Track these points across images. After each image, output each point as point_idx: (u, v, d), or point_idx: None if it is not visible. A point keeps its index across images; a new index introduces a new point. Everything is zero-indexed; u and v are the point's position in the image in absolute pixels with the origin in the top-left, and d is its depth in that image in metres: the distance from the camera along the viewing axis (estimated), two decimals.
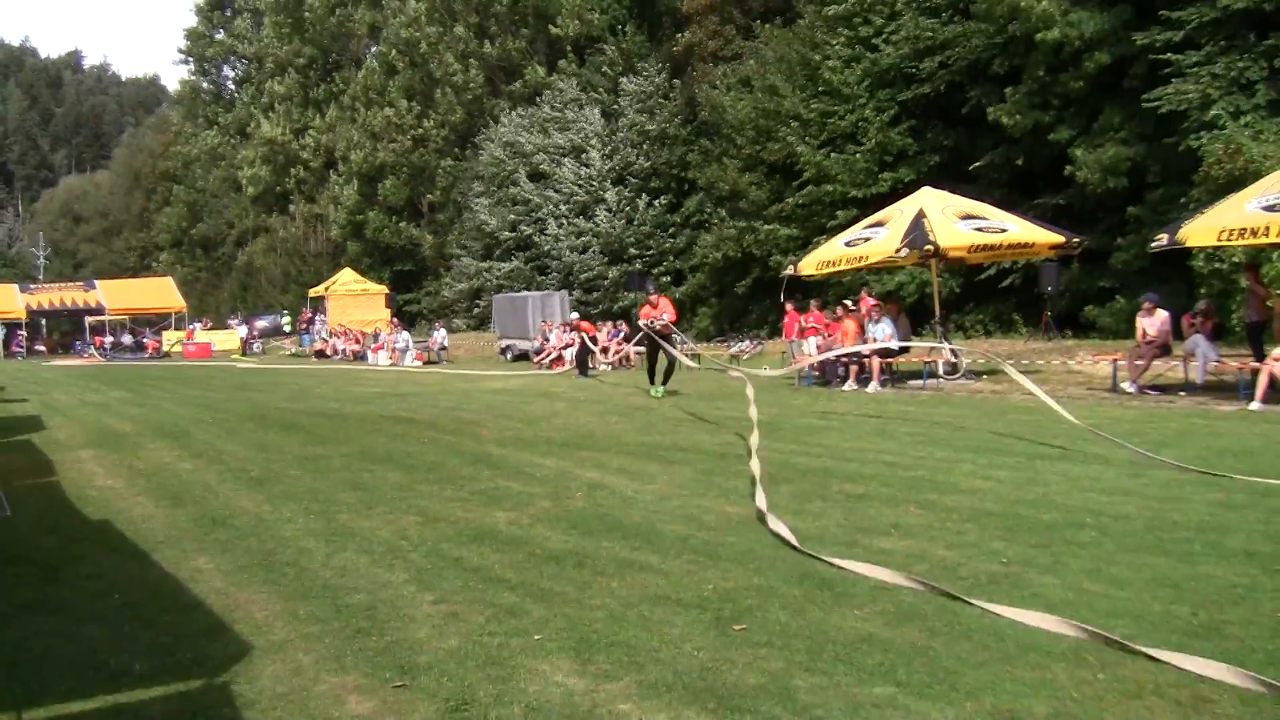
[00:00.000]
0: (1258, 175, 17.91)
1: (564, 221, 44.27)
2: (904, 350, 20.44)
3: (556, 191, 44.85)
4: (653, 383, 19.60)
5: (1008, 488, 8.78)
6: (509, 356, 35.77)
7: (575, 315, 29.93)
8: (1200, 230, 15.49)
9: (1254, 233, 14.49)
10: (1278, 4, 22.49)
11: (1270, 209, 14.36)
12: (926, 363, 20.24)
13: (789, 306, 25.66)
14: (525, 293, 39.75)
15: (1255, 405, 14.02)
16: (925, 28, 30.24)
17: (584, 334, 26.99)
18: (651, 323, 19.62)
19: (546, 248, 44.92)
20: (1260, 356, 15.43)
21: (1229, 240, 15.31)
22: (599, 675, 4.72)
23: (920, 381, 19.81)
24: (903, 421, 13.92)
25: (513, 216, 46.82)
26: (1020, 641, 4.98)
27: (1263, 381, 14.22)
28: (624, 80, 44.69)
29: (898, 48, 31.07)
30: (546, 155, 45.51)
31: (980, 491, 8.61)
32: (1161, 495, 8.27)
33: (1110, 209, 26.32)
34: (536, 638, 5.24)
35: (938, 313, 21.80)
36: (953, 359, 20.27)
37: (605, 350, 29.15)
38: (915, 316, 24.95)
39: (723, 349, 31.63)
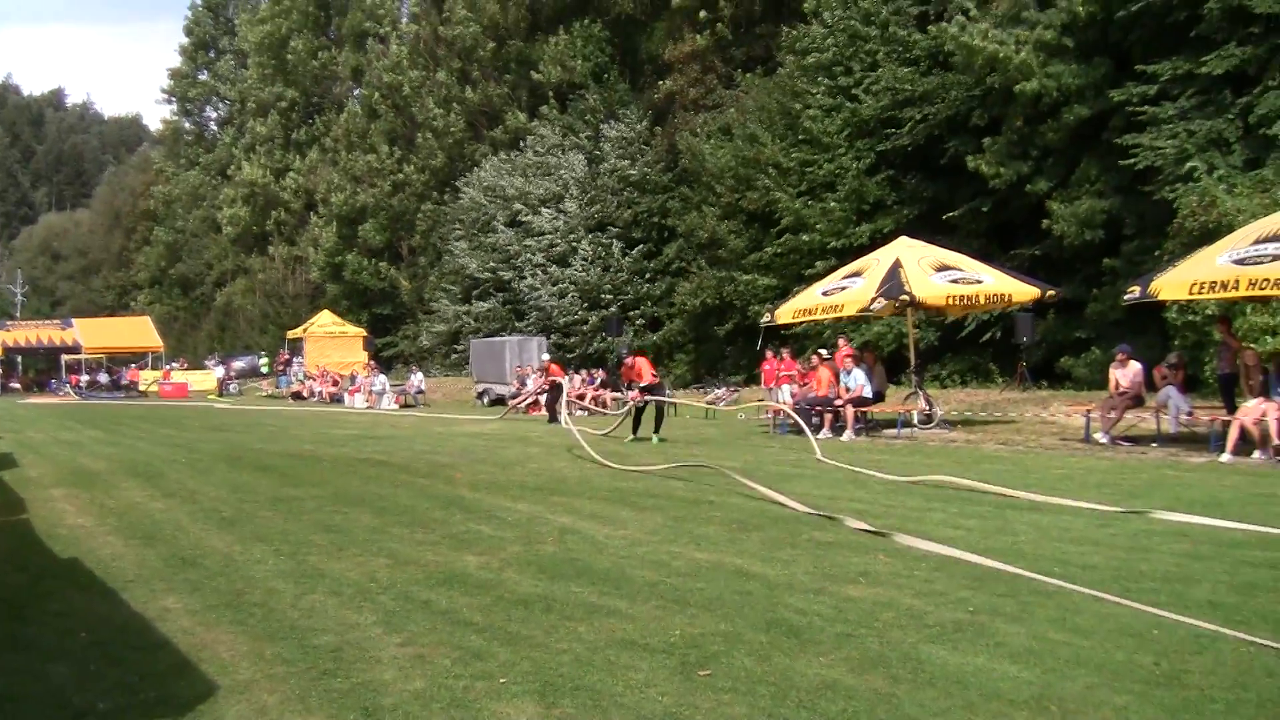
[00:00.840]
0: (1231, 228, 18.13)
1: (539, 272, 44.39)
2: (879, 399, 20.57)
3: (534, 240, 44.97)
4: (634, 433, 19.91)
5: (977, 536, 8.80)
6: (486, 401, 35.76)
7: (546, 357, 29.73)
8: (1172, 283, 15.67)
9: (1224, 286, 14.67)
10: (1255, 64, 22.76)
11: (1240, 262, 14.54)
12: (901, 412, 20.33)
13: (768, 354, 25.78)
14: (503, 337, 39.82)
15: (1225, 457, 14.12)
16: (904, 78, 30.56)
17: (555, 378, 26.64)
18: (632, 386, 20.85)
19: (525, 298, 45.04)
20: (1232, 408, 15.59)
21: (1200, 294, 15.51)
22: (562, 719, 4.72)
23: (895, 430, 19.88)
24: (877, 469, 13.95)
25: (492, 263, 46.98)
26: (983, 690, 4.99)
27: (1233, 434, 14.34)
28: (605, 126, 44.97)
29: (878, 98, 31.39)
30: (525, 205, 45.67)
31: (950, 540, 8.61)
32: (1129, 546, 8.31)
33: (1087, 259, 26.55)
34: (502, 681, 5.22)
35: (913, 362, 21.95)
36: (928, 408, 20.38)
37: (581, 396, 29.09)
38: (892, 366, 25.06)
39: (700, 395, 31.67)
